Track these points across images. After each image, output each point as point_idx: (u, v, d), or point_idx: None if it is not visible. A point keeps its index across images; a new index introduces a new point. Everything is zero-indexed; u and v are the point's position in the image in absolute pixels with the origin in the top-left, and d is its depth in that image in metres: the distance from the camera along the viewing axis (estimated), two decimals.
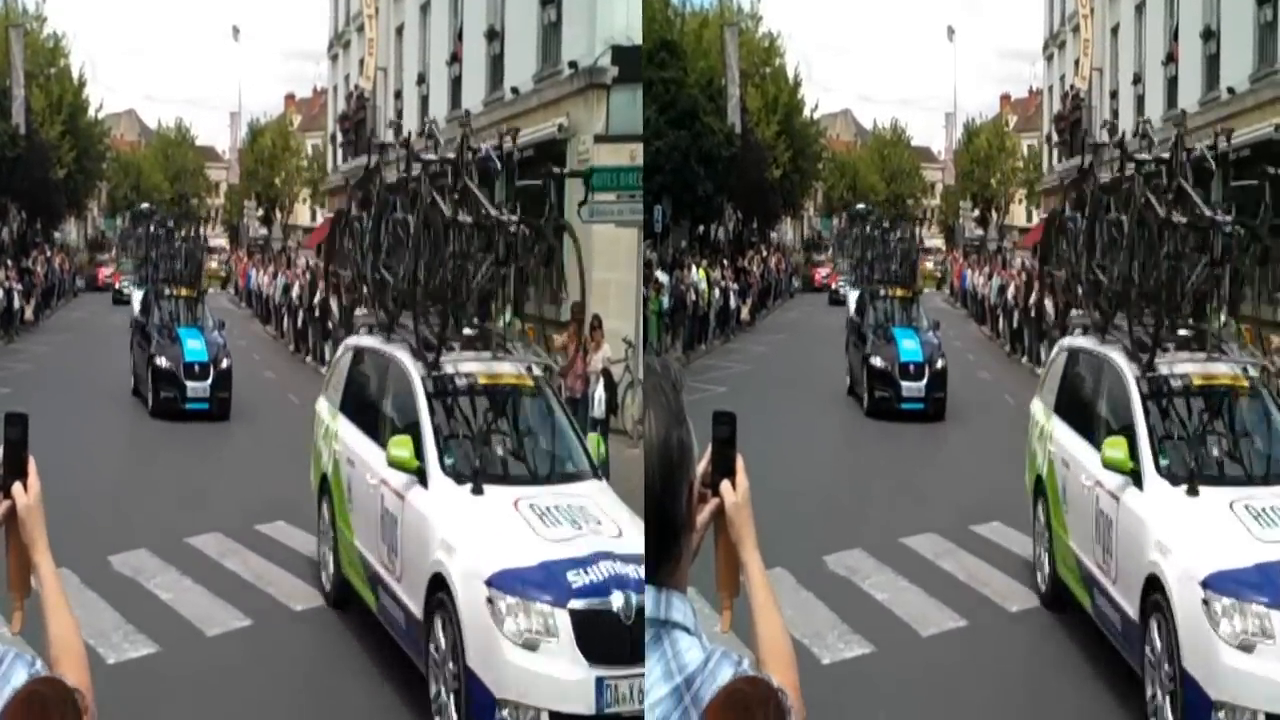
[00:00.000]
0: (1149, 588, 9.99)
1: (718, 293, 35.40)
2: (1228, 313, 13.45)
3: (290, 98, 42.39)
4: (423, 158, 13.51)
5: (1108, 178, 37.42)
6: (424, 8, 31.61)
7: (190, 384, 24.32)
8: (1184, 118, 32.29)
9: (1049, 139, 40.75)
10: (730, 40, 41.18)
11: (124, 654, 11.55)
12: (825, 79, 68.75)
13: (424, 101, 31.44)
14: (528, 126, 26.68)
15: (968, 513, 16.59)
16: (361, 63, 33.67)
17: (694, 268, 34.05)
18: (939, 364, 25.65)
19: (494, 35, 28.35)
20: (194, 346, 24.85)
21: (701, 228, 42.71)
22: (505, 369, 11.95)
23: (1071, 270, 15.72)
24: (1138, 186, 13.54)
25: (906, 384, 25.18)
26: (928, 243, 47.86)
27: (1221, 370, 12.10)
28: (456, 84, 29.85)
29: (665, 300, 30.60)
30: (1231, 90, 30.34)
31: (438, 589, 9.83)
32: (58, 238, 39.40)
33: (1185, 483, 10.72)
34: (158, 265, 28.36)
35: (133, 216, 36.30)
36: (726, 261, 38.79)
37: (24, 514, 3.04)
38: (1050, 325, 30.36)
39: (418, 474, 10.85)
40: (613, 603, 9.18)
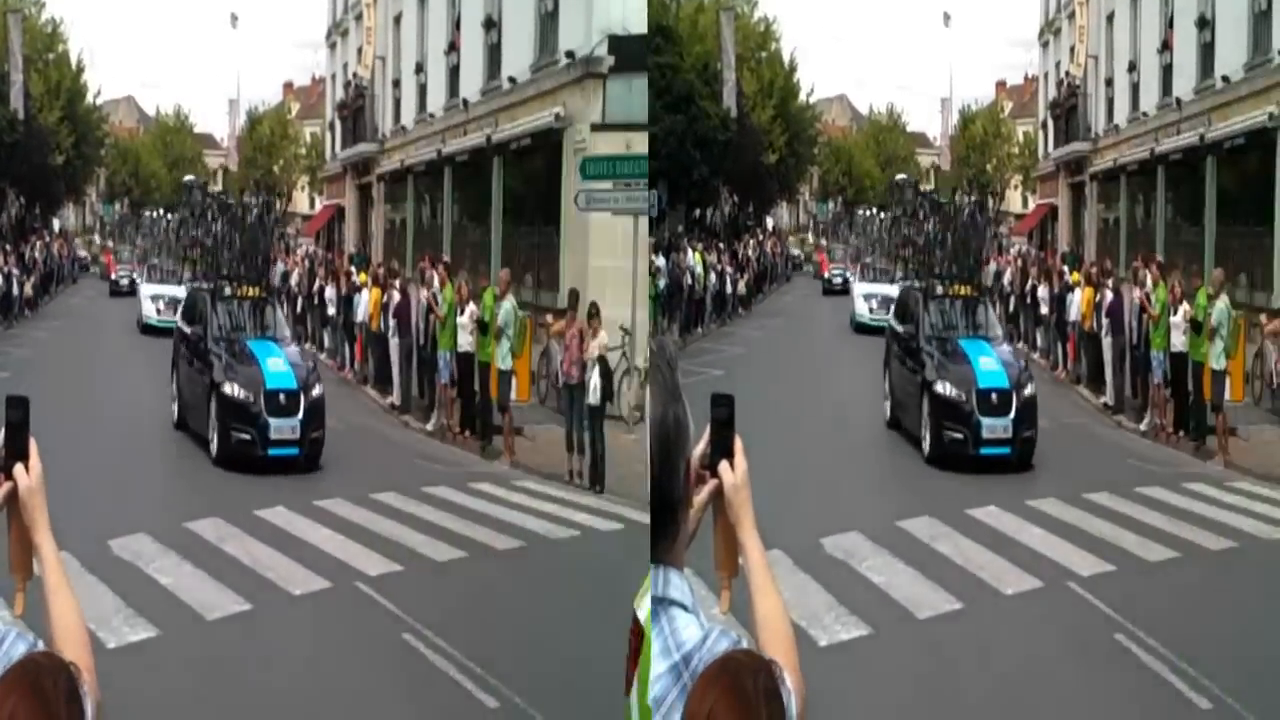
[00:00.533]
0: None
1: (713, 276, 35.43)
2: None
3: (289, 86, 42.16)
4: None
5: (1104, 165, 37.35)
6: None
7: (274, 421, 18.33)
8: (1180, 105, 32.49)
9: (1044, 126, 40.72)
10: (726, 24, 41.13)
11: (124, 638, 11.61)
12: (821, 64, 68.61)
13: (422, 90, 31.44)
14: (525, 116, 26.76)
15: (963, 496, 16.73)
16: (360, 51, 33.57)
17: (690, 251, 34.04)
18: (1027, 389, 19.08)
19: (491, 24, 28.33)
20: (276, 367, 18.84)
21: (697, 211, 42.69)
22: None
23: None
24: None
25: (988, 420, 18.66)
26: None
27: None
28: (454, 73, 29.83)
29: (661, 284, 30.68)
30: (1226, 78, 30.41)
31: None
32: (56, 224, 39.33)
33: None
34: (213, 254, 23.13)
35: (184, 188, 31.74)
36: (722, 245, 38.79)
37: (26, 496, 3.00)
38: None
39: None
40: None
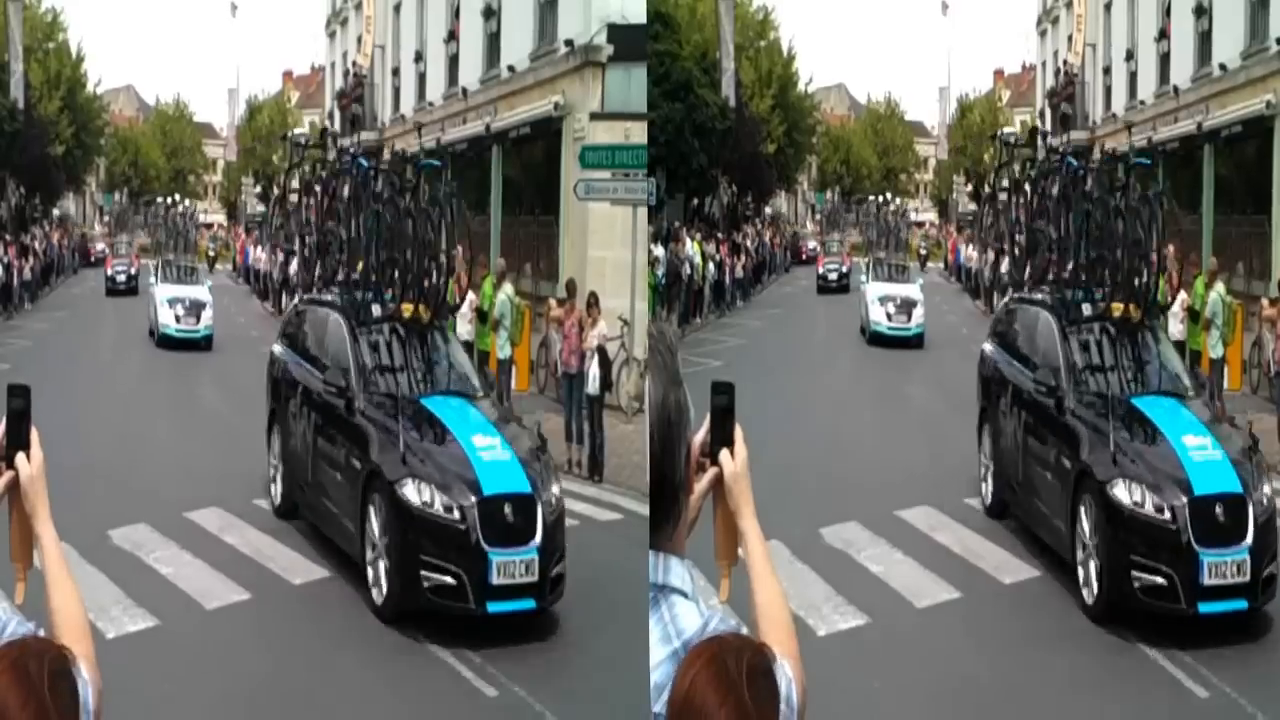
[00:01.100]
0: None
1: (712, 266, 35.42)
2: None
3: (288, 75, 42.24)
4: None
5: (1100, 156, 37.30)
6: None
7: (499, 554, 11.54)
8: (1176, 93, 32.54)
9: (1042, 115, 40.77)
10: (725, 13, 41.13)
11: (124, 628, 11.61)
12: (819, 53, 68.66)
13: (421, 79, 31.49)
14: (524, 104, 26.80)
15: (962, 486, 16.71)
16: (359, 40, 33.64)
17: (688, 241, 34.03)
18: (1265, 494, 11.85)
19: (491, 13, 28.38)
20: (491, 453, 12.19)
21: (696, 201, 42.68)
22: None
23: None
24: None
25: (1213, 554, 11.39)
26: (915, 216, 47.53)
27: None
28: (454, 62, 29.88)
29: (660, 274, 30.67)
30: (1223, 66, 30.44)
31: None
32: (56, 213, 39.38)
33: None
34: (351, 249, 16.17)
35: (291, 146, 24.45)
36: (721, 235, 38.79)
37: (27, 484, 2.99)
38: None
39: None
40: None
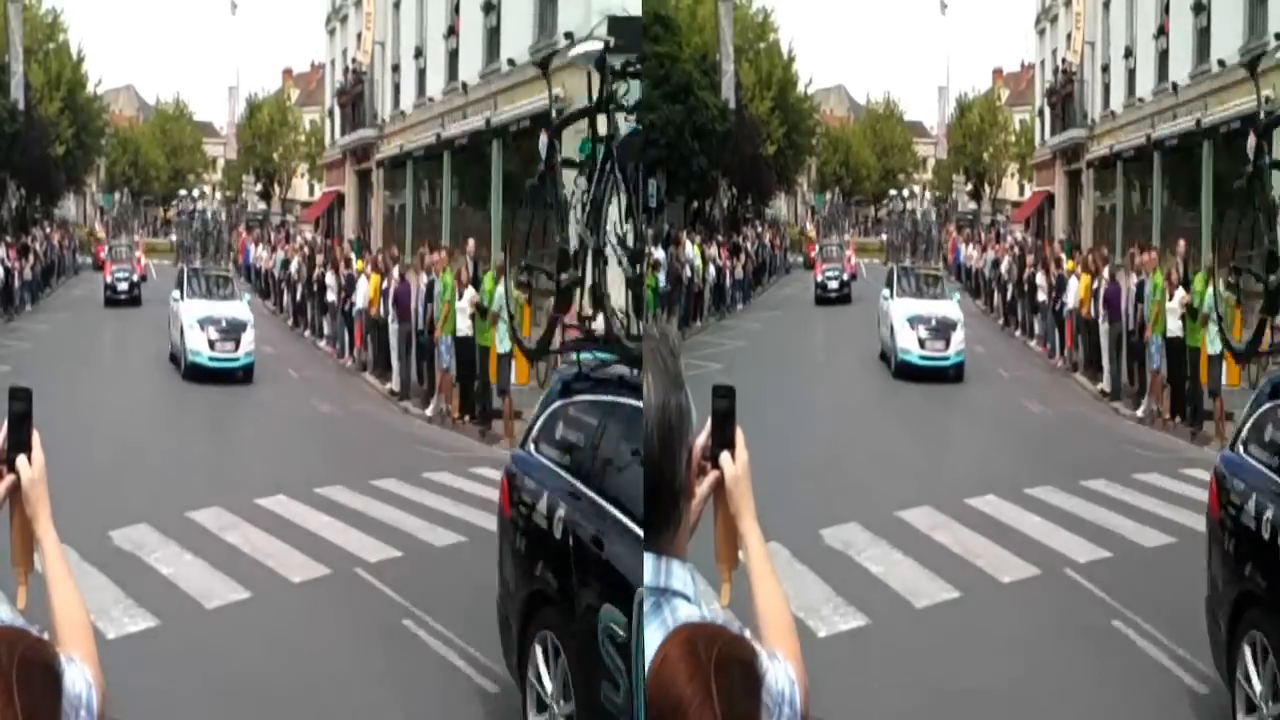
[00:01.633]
0: None
1: (712, 269, 35.47)
2: None
3: (288, 72, 42.37)
4: None
5: (1100, 152, 37.31)
6: None
7: None
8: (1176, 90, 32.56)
9: (1041, 113, 40.86)
10: (725, 15, 41.23)
11: (124, 628, 11.54)
12: (819, 54, 68.71)
13: (421, 75, 31.54)
14: (523, 98, 26.82)
15: (962, 485, 16.75)
16: (359, 37, 33.71)
17: (688, 244, 34.07)
18: None
19: (490, 8, 28.43)
20: None
21: (696, 203, 42.74)
22: None
23: None
24: None
25: None
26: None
27: None
28: (453, 57, 29.93)
29: (660, 278, 30.69)
30: (1222, 63, 30.46)
31: None
32: (57, 214, 39.43)
33: None
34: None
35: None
36: (721, 238, 38.85)
37: (29, 487, 2.96)
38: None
39: None
40: None
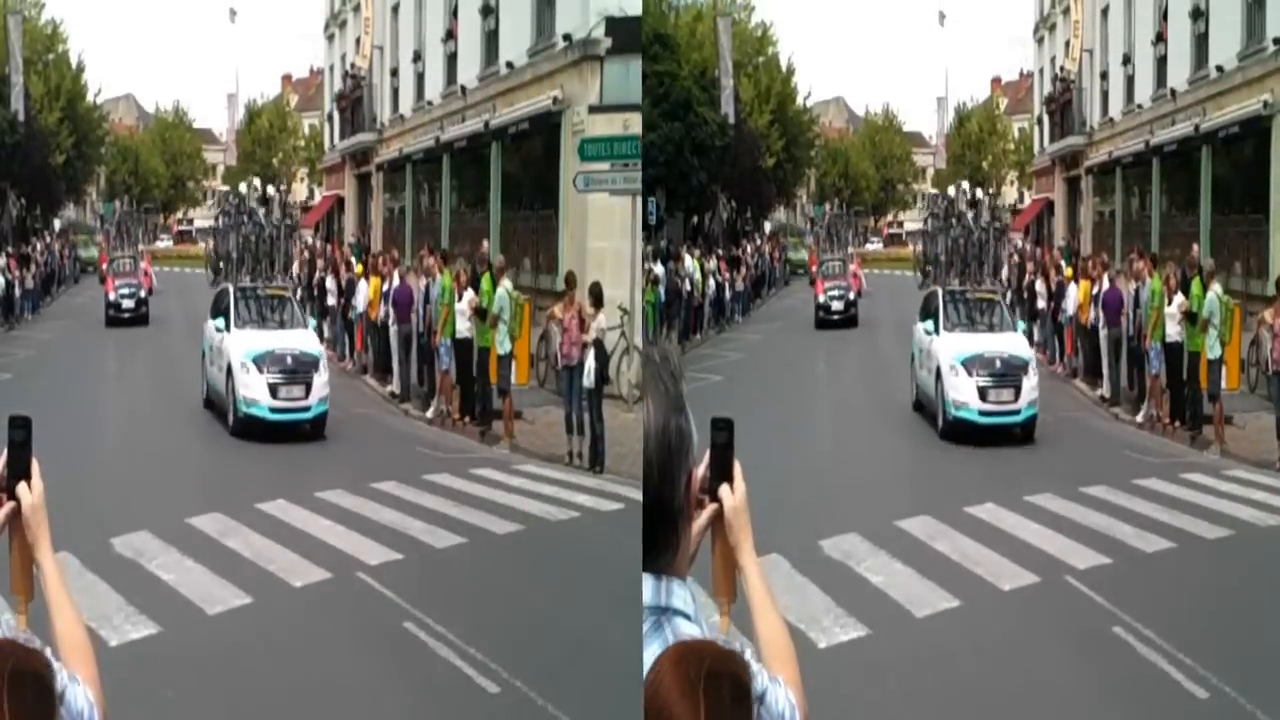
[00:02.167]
0: None
1: (712, 282, 35.48)
2: None
3: (287, 78, 42.46)
4: None
5: (1099, 159, 37.28)
6: None
7: None
8: (1173, 96, 32.64)
9: (1040, 121, 40.94)
10: (724, 31, 41.37)
11: (126, 636, 11.51)
12: (818, 66, 68.90)
13: (420, 78, 31.62)
14: (522, 100, 26.91)
15: (961, 494, 16.74)
16: (358, 42, 33.78)
17: (688, 258, 34.11)
18: None
19: (489, 11, 28.52)
20: None
21: (695, 218, 42.80)
22: None
23: None
24: None
25: None
26: (915, 225, 47.66)
27: None
28: (452, 60, 30.02)
29: (660, 292, 30.68)
30: (1220, 68, 30.55)
31: None
32: (57, 224, 39.46)
33: None
34: None
35: None
36: (721, 251, 38.89)
37: (29, 514, 3.00)
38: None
39: None
40: None
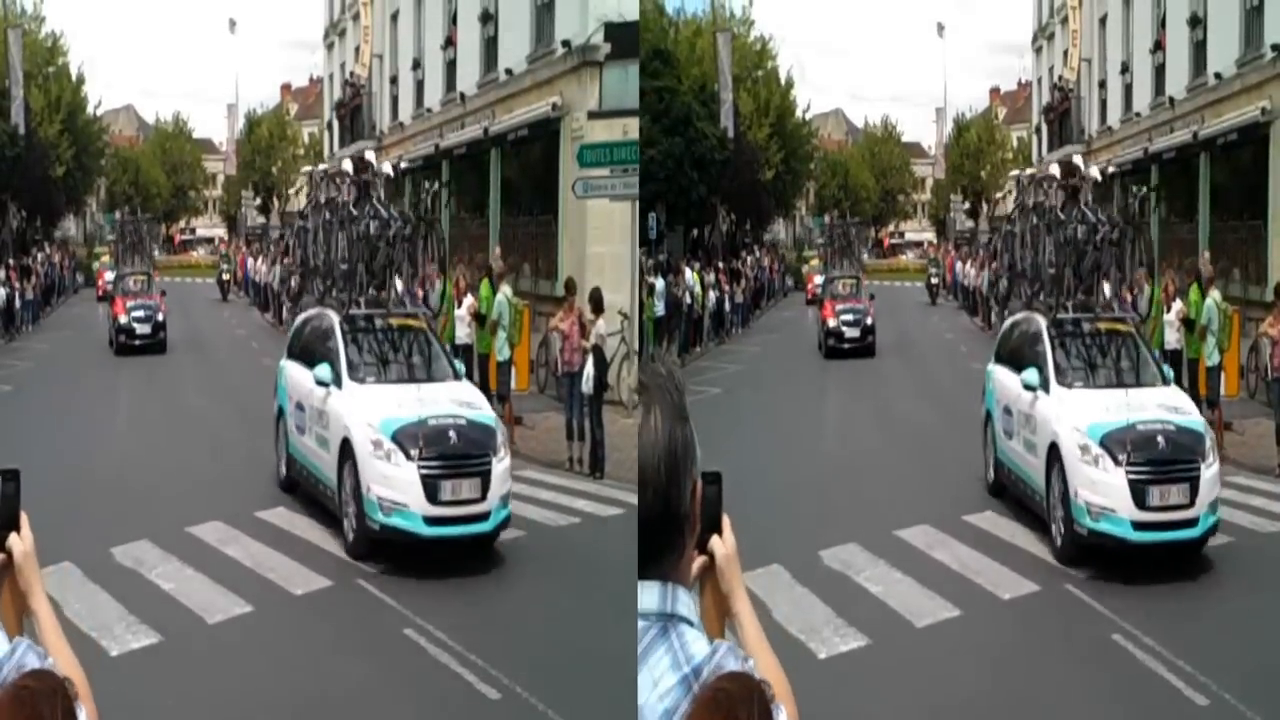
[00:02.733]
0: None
1: (711, 295, 35.51)
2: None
3: (286, 87, 42.62)
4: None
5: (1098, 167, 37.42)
6: None
7: None
8: (1172, 104, 32.68)
9: (1038, 130, 41.00)
10: (723, 45, 41.42)
11: (127, 645, 11.52)
12: (816, 79, 69.11)
13: (419, 86, 31.66)
14: (521, 106, 26.93)
15: (961, 503, 16.71)
16: (357, 50, 33.82)
17: (688, 271, 34.14)
18: None
19: (488, 18, 28.57)
20: None
21: (695, 231, 42.85)
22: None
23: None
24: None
25: None
26: (914, 236, 47.84)
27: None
28: (451, 67, 30.06)
29: (659, 306, 30.67)
30: (1219, 75, 30.58)
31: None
32: (57, 235, 39.53)
33: None
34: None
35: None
36: (721, 264, 38.93)
37: (21, 561, 3.14)
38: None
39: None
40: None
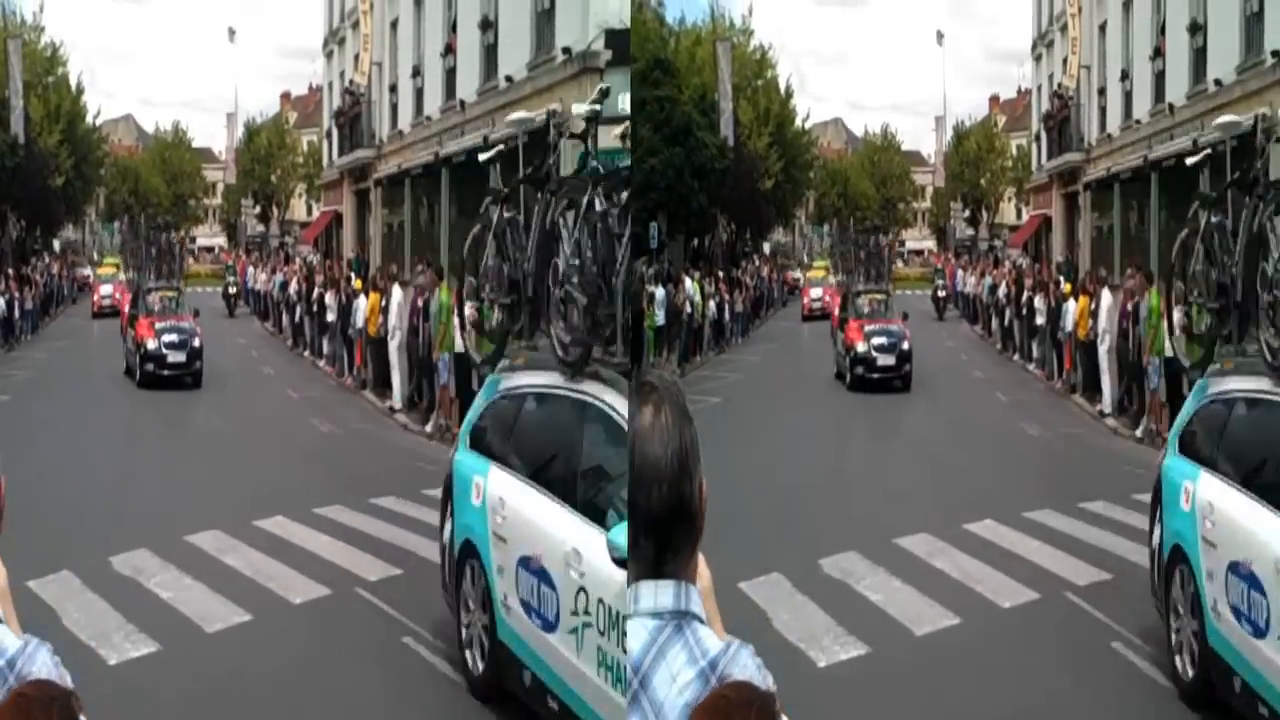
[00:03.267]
0: None
1: (712, 305, 35.56)
2: None
3: (285, 96, 42.65)
4: None
5: (1097, 174, 37.29)
6: (418, 1, 31.83)
7: None
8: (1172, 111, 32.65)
9: (1038, 138, 41.01)
10: (723, 55, 41.50)
11: (125, 654, 11.44)
12: (816, 88, 69.24)
13: (418, 94, 31.63)
14: (521, 114, 26.89)
15: (960, 511, 16.67)
16: (356, 58, 33.83)
17: (688, 280, 34.17)
18: None
19: (488, 25, 28.53)
20: None
21: (695, 240, 42.88)
22: None
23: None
24: None
25: None
26: (915, 244, 47.84)
27: None
28: (450, 75, 30.03)
29: (659, 315, 30.70)
30: (1219, 82, 30.53)
31: None
32: (56, 245, 39.53)
33: None
34: None
35: None
36: (721, 273, 38.97)
37: None
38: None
39: None
40: None
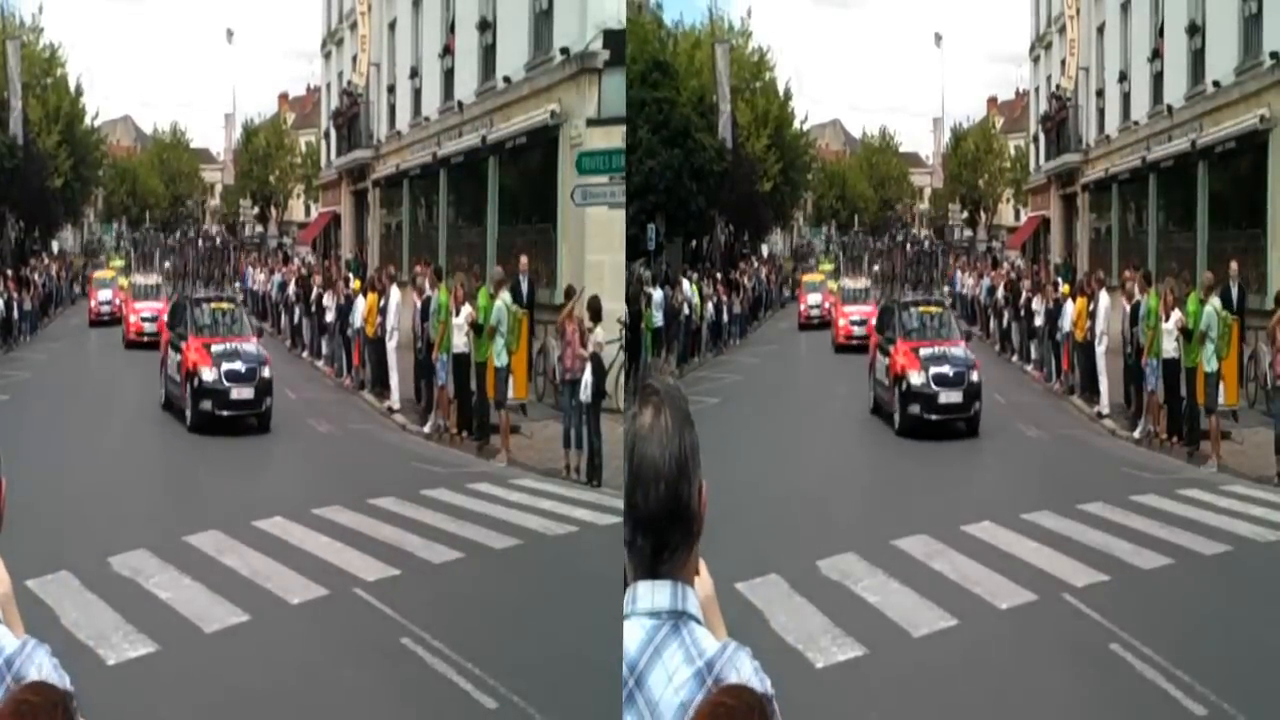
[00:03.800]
0: None
1: (710, 306, 35.53)
2: None
3: (283, 97, 42.61)
4: None
5: (1095, 175, 37.25)
6: (416, 2, 31.82)
7: None
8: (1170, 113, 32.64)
9: (1036, 139, 41.00)
10: (721, 56, 41.46)
11: (124, 654, 11.50)
12: (814, 90, 69.21)
13: (416, 94, 31.60)
14: (520, 114, 26.88)
15: (958, 512, 16.71)
16: (354, 59, 33.79)
17: (686, 282, 34.15)
18: None
19: (486, 26, 28.51)
20: None
21: (694, 242, 42.84)
22: None
23: None
24: None
25: None
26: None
27: None
28: (449, 76, 30.01)
29: (657, 317, 30.67)
30: (1217, 84, 30.54)
31: None
32: (55, 246, 39.45)
33: None
34: None
35: None
36: (720, 275, 38.94)
37: (3, 602, 3.18)
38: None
39: None
40: None
